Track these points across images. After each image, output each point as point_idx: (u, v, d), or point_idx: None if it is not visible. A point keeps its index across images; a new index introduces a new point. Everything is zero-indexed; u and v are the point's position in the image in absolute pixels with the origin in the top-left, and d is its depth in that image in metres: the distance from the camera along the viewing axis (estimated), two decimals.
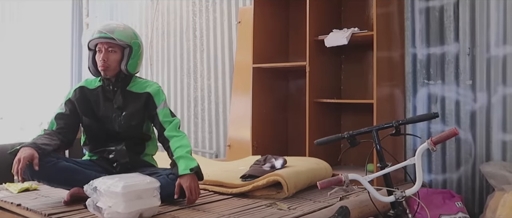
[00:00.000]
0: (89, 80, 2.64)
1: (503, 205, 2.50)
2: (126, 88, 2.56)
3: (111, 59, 2.49)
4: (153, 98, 2.54)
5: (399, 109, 3.20)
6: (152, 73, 4.85)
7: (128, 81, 2.58)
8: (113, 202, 2.08)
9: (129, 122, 2.52)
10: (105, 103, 2.54)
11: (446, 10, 3.04)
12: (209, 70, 4.34)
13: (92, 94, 2.56)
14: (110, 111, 2.53)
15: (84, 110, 2.55)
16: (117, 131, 2.52)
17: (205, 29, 4.38)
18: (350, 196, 2.56)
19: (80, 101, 2.55)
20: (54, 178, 2.41)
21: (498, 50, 2.83)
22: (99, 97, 2.55)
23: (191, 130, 4.48)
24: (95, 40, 2.50)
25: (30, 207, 2.34)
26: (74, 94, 2.57)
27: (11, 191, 2.72)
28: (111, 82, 2.55)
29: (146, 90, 2.56)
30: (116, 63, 2.51)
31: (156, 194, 2.20)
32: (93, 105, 2.55)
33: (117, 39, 2.48)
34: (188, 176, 2.35)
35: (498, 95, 2.84)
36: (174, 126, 2.50)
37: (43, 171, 2.32)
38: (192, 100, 4.48)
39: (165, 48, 4.74)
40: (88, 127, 2.57)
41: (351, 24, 3.28)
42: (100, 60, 2.48)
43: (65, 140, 2.51)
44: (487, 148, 2.88)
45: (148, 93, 2.55)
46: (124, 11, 5.21)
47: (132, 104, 2.53)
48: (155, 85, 2.61)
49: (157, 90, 2.56)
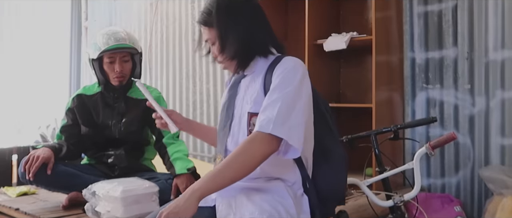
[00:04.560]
0: (87, 87, 2.62)
1: (502, 210, 2.51)
2: (127, 95, 2.55)
3: (127, 68, 2.48)
4: None
5: (398, 113, 3.20)
6: (151, 77, 4.85)
7: (129, 87, 2.56)
8: (112, 207, 2.08)
9: (129, 128, 2.50)
10: (104, 109, 2.52)
11: (444, 15, 3.05)
12: (208, 74, 4.34)
13: (91, 101, 2.54)
14: (109, 117, 2.52)
15: (83, 117, 2.54)
16: (116, 137, 2.51)
17: None
18: (348, 200, 2.56)
19: (79, 109, 2.54)
20: (53, 182, 2.40)
21: (496, 55, 2.84)
22: (98, 104, 2.53)
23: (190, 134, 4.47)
24: (107, 52, 2.41)
25: (28, 211, 2.34)
26: (73, 103, 2.56)
27: (9, 195, 2.71)
28: (115, 89, 2.52)
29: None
30: (129, 71, 2.50)
31: (155, 198, 2.20)
32: (92, 112, 2.54)
33: (132, 47, 2.46)
34: (184, 176, 2.33)
35: (497, 100, 2.84)
36: (173, 134, 2.49)
37: (42, 174, 2.33)
38: (191, 104, 4.48)
39: (164, 52, 4.74)
40: (87, 133, 2.55)
41: (349, 28, 3.29)
42: (115, 71, 2.44)
43: (76, 151, 2.54)
44: (485, 152, 2.89)
45: None
46: (123, 15, 5.21)
47: (132, 111, 2.52)
48: (155, 91, 2.60)
49: (157, 98, 2.53)
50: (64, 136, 2.54)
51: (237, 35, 1.56)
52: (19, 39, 5.27)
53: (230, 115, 1.61)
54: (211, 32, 1.60)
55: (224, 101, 1.66)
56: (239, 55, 1.58)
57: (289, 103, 1.44)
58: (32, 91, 5.28)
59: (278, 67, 1.52)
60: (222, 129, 1.62)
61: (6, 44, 5.19)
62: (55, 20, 5.58)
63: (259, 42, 1.59)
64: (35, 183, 2.38)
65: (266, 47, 1.61)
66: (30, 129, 5.11)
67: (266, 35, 1.63)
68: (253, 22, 1.60)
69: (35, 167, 2.25)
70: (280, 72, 1.50)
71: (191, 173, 2.35)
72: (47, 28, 5.47)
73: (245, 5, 1.61)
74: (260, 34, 1.60)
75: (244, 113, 1.56)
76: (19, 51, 5.25)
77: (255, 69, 1.61)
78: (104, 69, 2.46)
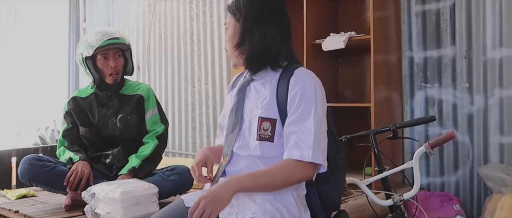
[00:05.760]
0: (81, 90, 2.68)
1: (501, 208, 2.51)
2: (119, 92, 2.60)
3: (120, 64, 2.55)
4: (144, 102, 2.59)
5: (397, 112, 3.20)
6: (150, 78, 4.84)
7: (121, 85, 2.61)
8: (112, 209, 2.08)
9: (124, 123, 2.54)
10: (99, 109, 2.57)
11: (442, 14, 3.05)
12: (207, 74, 4.34)
13: (85, 102, 2.59)
14: (105, 116, 2.55)
15: (80, 118, 2.58)
16: (113, 135, 2.55)
17: (202, 33, 4.38)
18: (348, 200, 2.56)
19: (75, 110, 2.59)
20: (52, 182, 2.44)
21: (494, 53, 2.84)
22: (93, 105, 2.57)
23: (189, 135, 4.48)
24: (100, 49, 2.47)
25: (28, 213, 2.34)
26: (69, 105, 2.61)
27: (9, 198, 2.71)
28: (108, 87, 2.56)
29: (138, 92, 2.61)
30: (122, 67, 2.57)
31: (155, 199, 2.20)
32: (88, 113, 2.58)
33: (124, 42, 2.54)
34: (124, 176, 2.42)
35: (495, 98, 2.85)
36: (153, 134, 2.57)
37: (41, 175, 2.36)
38: (190, 104, 4.48)
39: (163, 53, 4.74)
40: (85, 134, 2.59)
41: (348, 28, 3.29)
42: (110, 67, 2.50)
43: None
44: (484, 150, 2.89)
45: (140, 95, 2.59)
46: (121, 16, 5.21)
47: (126, 107, 2.57)
48: (146, 87, 2.65)
49: (148, 94, 2.61)
50: (68, 140, 2.59)
51: (258, 40, 1.56)
52: (17, 40, 5.26)
53: (239, 118, 1.61)
54: (234, 23, 1.61)
55: (233, 104, 1.65)
56: (252, 59, 1.59)
57: (319, 128, 1.51)
58: (31, 93, 5.28)
59: (296, 82, 1.54)
60: (230, 132, 1.63)
61: (4, 45, 5.19)
62: (53, 21, 5.58)
63: (275, 53, 1.59)
64: (35, 183, 2.42)
65: (281, 60, 1.60)
66: (29, 130, 5.11)
67: (286, 47, 1.62)
68: (278, 31, 1.59)
69: (82, 185, 2.37)
70: (301, 92, 1.52)
71: (132, 172, 2.43)
72: (45, 29, 5.46)
73: (275, 12, 1.61)
74: (281, 46, 1.60)
75: (254, 117, 1.57)
76: (17, 52, 5.24)
77: (265, 75, 1.62)
78: (98, 67, 2.51)
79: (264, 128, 1.54)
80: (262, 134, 1.54)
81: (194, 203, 1.41)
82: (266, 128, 1.54)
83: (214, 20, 4.28)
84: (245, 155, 1.57)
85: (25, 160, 2.44)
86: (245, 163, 1.57)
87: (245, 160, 1.57)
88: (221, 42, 4.23)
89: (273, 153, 1.55)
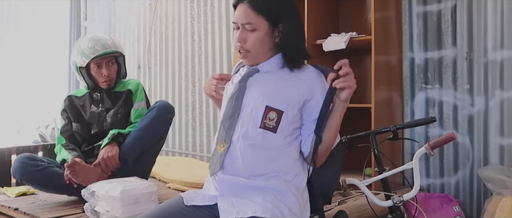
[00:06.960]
0: (78, 90, 2.81)
1: (501, 210, 2.50)
2: (111, 91, 2.69)
3: (113, 71, 2.65)
4: (132, 95, 2.67)
5: (397, 113, 3.20)
6: (150, 77, 4.85)
7: (114, 85, 2.71)
8: (111, 207, 2.08)
9: (113, 119, 2.61)
10: (92, 106, 2.66)
11: (443, 15, 3.05)
12: (207, 74, 4.34)
13: (80, 100, 2.70)
14: (97, 113, 2.64)
15: (73, 115, 2.68)
16: (103, 130, 2.61)
17: (203, 33, 4.38)
18: (348, 200, 2.56)
19: (70, 108, 2.69)
20: (42, 182, 2.48)
21: (495, 55, 2.84)
22: (86, 102, 2.68)
23: (189, 134, 4.48)
24: (94, 59, 2.55)
25: (28, 211, 2.34)
26: (65, 103, 2.72)
27: (9, 195, 2.72)
28: (101, 90, 2.67)
29: (127, 87, 2.69)
30: (115, 73, 2.67)
31: (154, 198, 2.20)
32: (81, 110, 2.68)
33: (117, 51, 2.63)
34: (107, 146, 2.44)
35: (496, 100, 2.84)
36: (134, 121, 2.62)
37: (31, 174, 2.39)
38: (190, 104, 4.48)
39: (163, 52, 4.74)
40: (77, 130, 2.66)
41: (349, 28, 3.29)
42: (103, 75, 2.60)
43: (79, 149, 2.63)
44: (484, 152, 2.89)
45: (129, 90, 2.68)
46: (122, 15, 5.21)
47: (117, 103, 2.65)
48: (135, 82, 2.74)
49: (137, 88, 2.68)
50: (65, 136, 2.65)
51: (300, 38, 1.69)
52: (18, 39, 5.26)
53: (239, 105, 1.63)
54: (258, 18, 1.62)
55: (234, 91, 1.67)
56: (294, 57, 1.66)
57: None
58: (31, 91, 5.28)
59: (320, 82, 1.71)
60: (228, 118, 1.64)
61: (5, 44, 5.19)
62: (54, 20, 5.58)
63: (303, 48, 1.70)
64: (26, 181, 2.47)
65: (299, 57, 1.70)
66: (29, 129, 5.11)
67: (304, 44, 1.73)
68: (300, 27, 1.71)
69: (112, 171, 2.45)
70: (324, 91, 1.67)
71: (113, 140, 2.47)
72: (46, 28, 5.46)
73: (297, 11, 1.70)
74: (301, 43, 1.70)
75: (259, 105, 1.60)
76: (18, 51, 5.25)
77: (272, 68, 1.67)
78: (92, 75, 2.62)
79: (270, 118, 1.58)
80: (267, 123, 1.57)
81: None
82: (272, 118, 1.57)
83: (215, 19, 4.28)
84: (245, 144, 1.58)
85: (18, 158, 2.49)
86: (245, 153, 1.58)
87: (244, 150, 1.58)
88: (222, 41, 4.23)
89: (274, 143, 1.58)
